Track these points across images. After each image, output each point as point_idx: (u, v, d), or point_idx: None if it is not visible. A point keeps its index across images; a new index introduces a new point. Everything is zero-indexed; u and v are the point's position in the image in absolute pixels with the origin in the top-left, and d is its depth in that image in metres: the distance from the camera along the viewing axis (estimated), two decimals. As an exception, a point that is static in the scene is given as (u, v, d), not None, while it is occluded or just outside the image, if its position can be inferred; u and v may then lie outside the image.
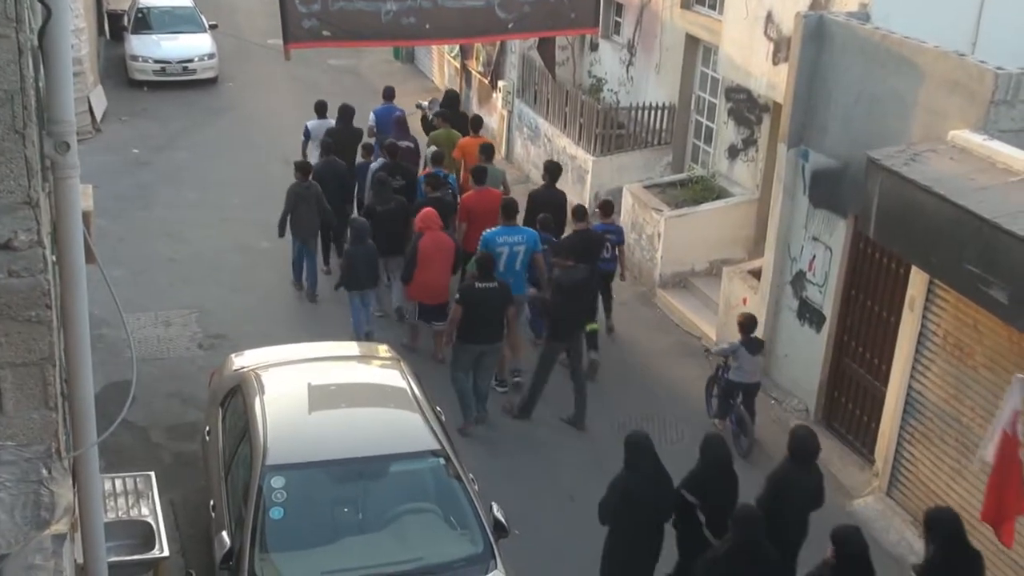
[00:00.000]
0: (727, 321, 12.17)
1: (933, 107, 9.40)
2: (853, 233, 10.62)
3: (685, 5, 15.36)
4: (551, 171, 13.55)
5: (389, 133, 15.10)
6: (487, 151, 13.93)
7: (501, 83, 19.11)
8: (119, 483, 8.28)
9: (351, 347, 10.89)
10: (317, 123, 15.28)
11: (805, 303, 11.50)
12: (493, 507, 8.19)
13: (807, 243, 11.37)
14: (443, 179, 13.43)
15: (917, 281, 9.50)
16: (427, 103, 18.02)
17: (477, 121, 15.37)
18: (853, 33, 10.45)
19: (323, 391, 9.19)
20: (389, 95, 16.28)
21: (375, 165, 14.05)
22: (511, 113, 18.81)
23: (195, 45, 22.39)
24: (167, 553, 7.81)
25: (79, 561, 5.32)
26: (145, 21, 22.87)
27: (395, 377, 9.34)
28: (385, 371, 9.77)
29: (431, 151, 14.31)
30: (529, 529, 9.20)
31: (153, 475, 8.51)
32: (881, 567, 7.74)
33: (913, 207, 8.56)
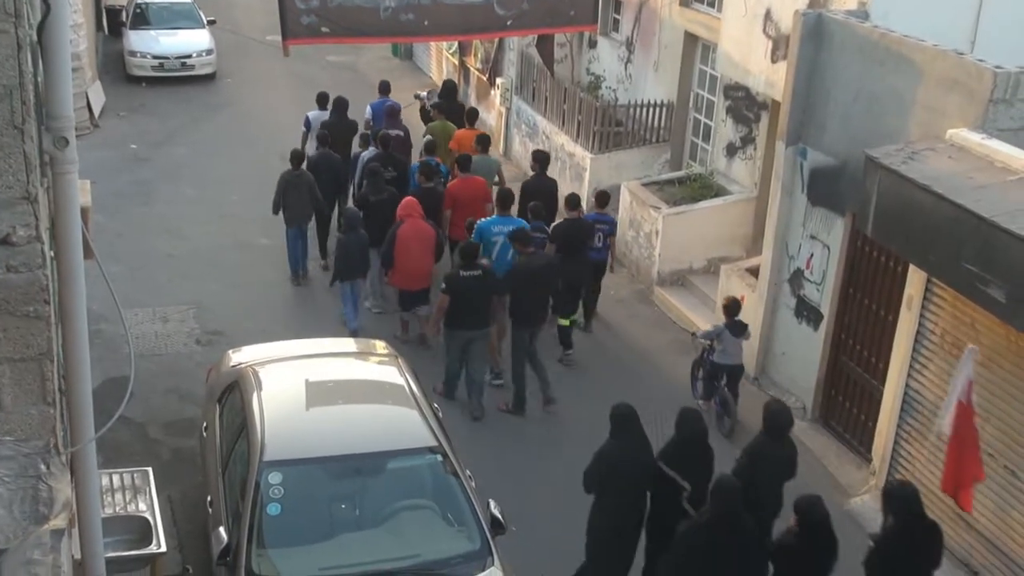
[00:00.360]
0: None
1: (932, 105, 9.41)
2: (851, 231, 10.63)
3: (684, 3, 15.35)
4: (540, 160, 13.85)
5: (382, 125, 15.33)
6: (483, 142, 14.15)
7: (499, 80, 19.09)
8: (116, 479, 8.27)
9: (349, 343, 10.89)
10: (317, 114, 15.52)
11: (803, 301, 11.51)
12: (490, 504, 8.19)
13: (805, 241, 11.37)
14: (436, 168, 13.66)
15: (915, 279, 9.51)
16: (425, 93, 18.19)
17: (473, 113, 15.54)
18: (852, 31, 10.45)
19: (321, 387, 9.18)
20: (385, 89, 16.46)
21: (366, 155, 14.28)
22: (509, 110, 18.80)
23: (193, 41, 22.38)
24: (164, 549, 7.80)
25: (76, 556, 5.32)
26: (143, 17, 22.85)
27: (393, 373, 9.35)
28: (383, 367, 9.78)
29: (425, 140, 14.55)
30: (526, 526, 9.20)
31: (151, 471, 8.51)
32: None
33: (911, 205, 8.55)
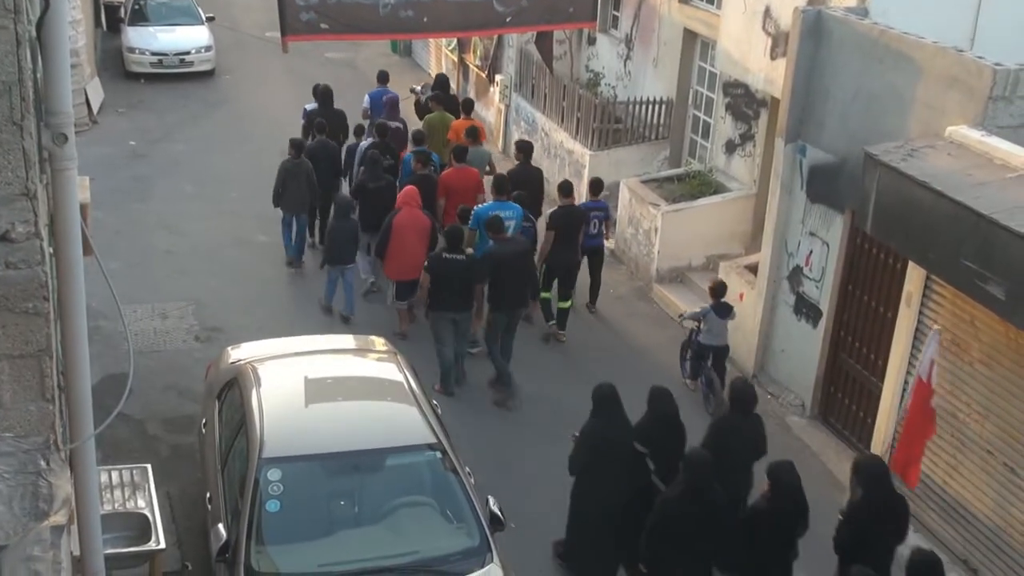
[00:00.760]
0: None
1: (931, 103, 9.40)
2: (850, 228, 10.62)
3: (683, -1, 15.38)
4: (525, 149, 14.15)
5: (382, 114, 15.56)
6: (472, 133, 14.31)
7: (499, 77, 19.08)
8: (115, 475, 8.28)
9: (348, 340, 10.89)
10: (315, 106, 15.71)
11: (802, 298, 11.51)
12: (489, 500, 8.19)
13: (804, 238, 11.37)
14: (429, 155, 13.84)
15: (914, 276, 9.51)
16: (420, 87, 18.30)
17: (468, 104, 15.72)
18: (851, 28, 10.44)
19: (320, 384, 9.18)
20: (383, 79, 16.64)
21: (364, 144, 14.48)
22: (508, 107, 18.79)
23: (192, 37, 22.36)
24: (163, 545, 7.82)
25: (75, 553, 5.32)
26: (142, 13, 22.84)
27: (392, 370, 9.35)
28: (382, 364, 9.79)
29: (414, 131, 14.79)
30: (525, 523, 9.20)
31: (150, 467, 8.52)
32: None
33: (911, 203, 8.55)
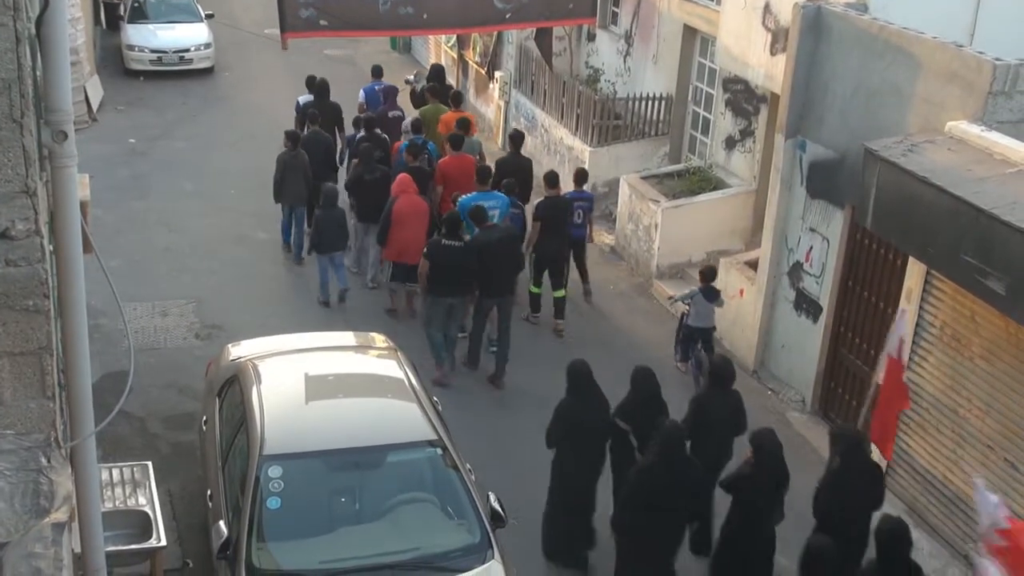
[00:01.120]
0: (723, 313, 12.16)
1: (931, 98, 9.40)
2: (850, 224, 10.62)
3: (683, -5, 15.36)
4: (515, 139, 14.26)
5: (377, 107, 15.69)
6: (463, 125, 14.36)
7: (498, 73, 19.07)
8: (116, 473, 8.29)
9: (348, 337, 10.88)
10: (308, 98, 15.81)
11: (802, 294, 11.51)
12: (490, 497, 8.20)
13: (804, 234, 11.37)
14: (422, 146, 13.91)
15: (914, 272, 9.51)
16: (414, 76, 18.44)
17: (458, 96, 15.84)
18: (851, 24, 10.44)
19: (320, 381, 9.19)
20: (377, 73, 16.78)
21: (360, 136, 14.59)
22: (508, 103, 18.78)
23: (191, 35, 22.36)
24: (164, 543, 7.83)
25: (76, 550, 5.32)
26: (141, 10, 22.84)
27: (392, 367, 9.34)
28: (382, 361, 9.78)
29: (410, 120, 14.93)
30: (526, 519, 9.20)
31: (150, 465, 8.53)
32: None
33: (911, 198, 8.55)
